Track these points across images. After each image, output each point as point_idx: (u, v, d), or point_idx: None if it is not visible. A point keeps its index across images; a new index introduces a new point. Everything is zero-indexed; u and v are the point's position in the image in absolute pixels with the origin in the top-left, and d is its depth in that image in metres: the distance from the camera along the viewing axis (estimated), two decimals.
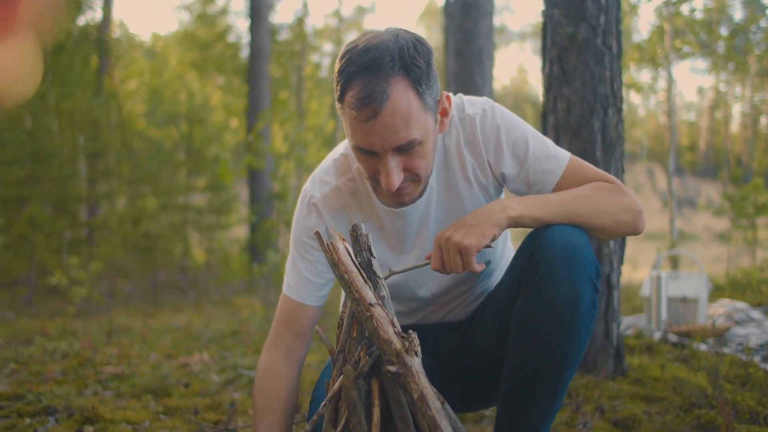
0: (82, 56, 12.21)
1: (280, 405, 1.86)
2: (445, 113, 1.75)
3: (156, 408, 3.13)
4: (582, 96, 3.24)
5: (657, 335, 4.50)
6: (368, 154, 1.64)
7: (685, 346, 4.10)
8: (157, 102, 20.40)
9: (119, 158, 12.71)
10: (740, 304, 5.34)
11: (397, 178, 1.63)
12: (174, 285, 10.79)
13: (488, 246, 1.61)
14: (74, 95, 10.73)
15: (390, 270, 1.63)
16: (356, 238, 1.44)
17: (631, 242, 15.77)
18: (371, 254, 1.42)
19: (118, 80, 16.55)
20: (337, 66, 1.64)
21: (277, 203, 9.95)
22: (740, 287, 7.72)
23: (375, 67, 1.55)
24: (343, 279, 1.35)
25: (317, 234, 1.44)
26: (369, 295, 1.33)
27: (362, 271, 1.38)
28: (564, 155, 1.83)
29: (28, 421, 2.86)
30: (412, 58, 1.58)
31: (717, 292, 7.11)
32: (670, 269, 8.42)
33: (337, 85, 1.64)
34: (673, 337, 4.38)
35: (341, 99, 1.63)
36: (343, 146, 1.97)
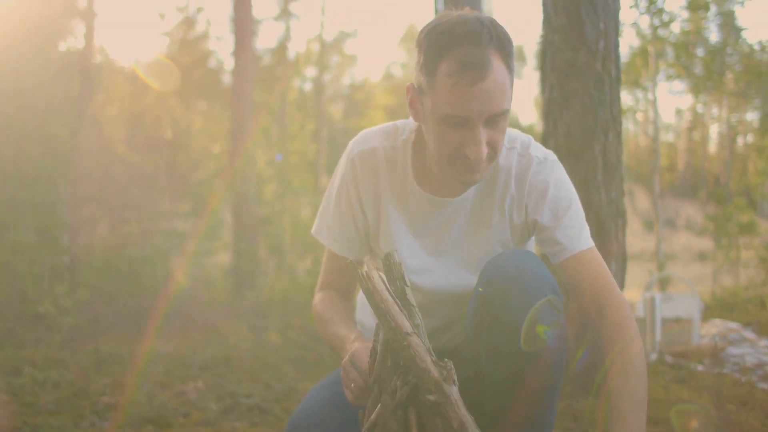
0: (64, 82, 12.13)
1: (346, 312, 1.92)
2: None
3: None
4: (582, 120, 3.27)
5: (653, 356, 4.50)
6: (457, 126, 1.60)
7: (682, 368, 4.10)
8: (138, 127, 20.28)
9: (101, 184, 12.62)
10: (733, 324, 5.37)
11: (485, 150, 1.61)
12: (157, 311, 10.64)
13: None
14: (55, 121, 10.64)
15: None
16: (389, 267, 1.42)
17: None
18: (405, 283, 1.41)
19: (99, 105, 16.47)
20: (423, 42, 1.63)
21: (263, 228, 9.91)
22: (728, 307, 7.76)
23: (475, 38, 1.55)
24: (378, 308, 1.33)
25: (351, 263, 1.41)
26: (405, 324, 1.31)
27: (397, 300, 1.36)
28: (590, 241, 1.82)
29: None
30: (504, 35, 1.60)
31: (706, 312, 7.14)
32: (659, 290, 8.46)
33: (424, 59, 1.62)
34: (669, 359, 4.38)
35: (432, 71, 1.60)
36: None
